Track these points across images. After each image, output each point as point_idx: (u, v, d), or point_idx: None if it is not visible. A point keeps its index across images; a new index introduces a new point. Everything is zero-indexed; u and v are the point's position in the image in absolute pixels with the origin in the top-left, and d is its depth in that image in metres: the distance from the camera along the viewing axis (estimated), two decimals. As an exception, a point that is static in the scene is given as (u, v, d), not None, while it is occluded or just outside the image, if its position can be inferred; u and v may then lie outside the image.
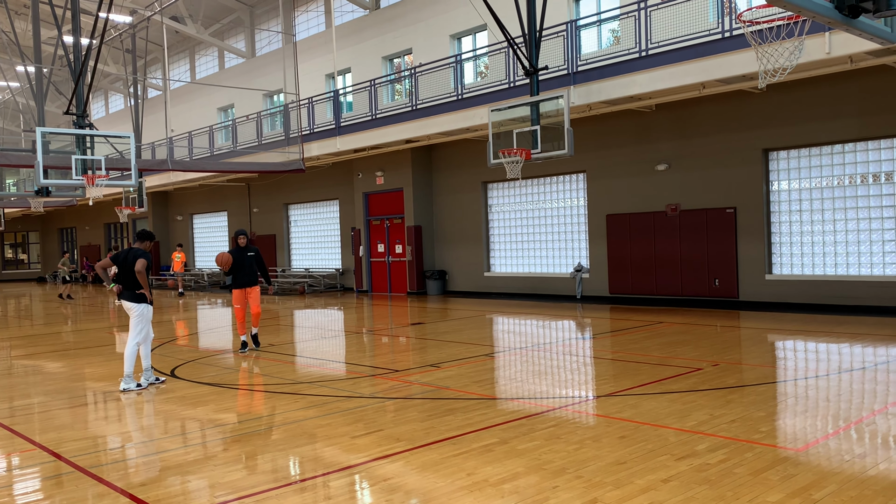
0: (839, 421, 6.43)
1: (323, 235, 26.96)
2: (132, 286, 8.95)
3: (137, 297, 8.94)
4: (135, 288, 8.94)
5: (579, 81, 15.20)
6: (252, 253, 11.54)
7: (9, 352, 13.11)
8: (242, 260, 11.45)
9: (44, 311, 22.34)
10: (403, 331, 14.21)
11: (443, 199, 22.21)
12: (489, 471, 5.33)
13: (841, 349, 10.22)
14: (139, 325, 8.97)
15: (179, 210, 34.67)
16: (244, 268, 11.45)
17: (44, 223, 46.85)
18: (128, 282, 8.97)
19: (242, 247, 11.52)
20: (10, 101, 40.19)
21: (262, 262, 11.71)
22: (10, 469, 5.96)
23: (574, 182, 18.99)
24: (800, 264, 15.06)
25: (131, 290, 8.96)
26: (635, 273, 17.38)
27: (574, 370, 9.64)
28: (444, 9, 22.44)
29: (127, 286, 8.99)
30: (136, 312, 8.94)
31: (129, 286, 8.98)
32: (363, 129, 20.77)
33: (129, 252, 9.03)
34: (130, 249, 9.07)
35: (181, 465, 5.80)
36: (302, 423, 6.94)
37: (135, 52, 29.31)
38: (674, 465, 5.32)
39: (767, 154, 15.36)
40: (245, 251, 11.49)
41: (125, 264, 8.97)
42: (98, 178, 15.45)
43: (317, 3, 28.23)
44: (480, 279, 21.16)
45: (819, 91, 14.26)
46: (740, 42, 12.62)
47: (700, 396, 7.45)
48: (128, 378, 8.89)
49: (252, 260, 11.52)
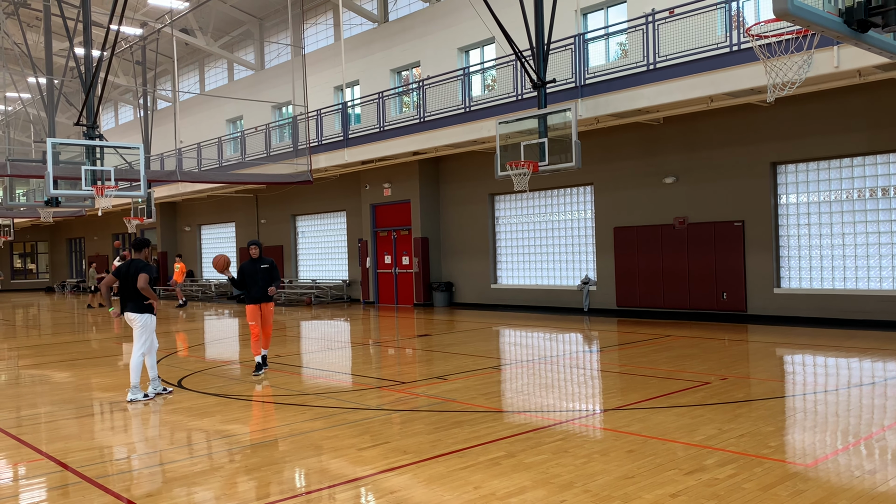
0: (849, 436, 6.38)
1: (330, 247, 27.00)
2: (135, 297, 8.92)
3: (140, 307, 8.92)
4: (138, 299, 8.92)
5: (587, 94, 15.22)
6: (266, 265, 10.65)
7: (17, 361, 13.15)
8: (255, 272, 10.62)
9: (52, 321, 22.41)
10: (410, 342, 14.20)
11: (450, 211, 22.23)
12: (496, 484, 5.30)
13: (850, 364, 10.16)
14: (143, 335, 8.96)
15: (187, 221, 34.79)
16: (257, 281, 10.58)
17: (52, 233, 47.08)
18: (130, 293, 8.94)
19: (255, 258, 10.70)
20: (20, 112, 40.51)
21: (276, 275, 10.76)
22: (17, 479, 5.96)
23: (581, 194, 18.99)
24: (808, 278, 15.00)
25: (134, 301, 8.93)
26: (643, 286, 17.34)
27: (581, 383, 9.60)
28: (452, 22, 22.55)
29: (129, 297, 8.96)
30: (139, 323, 8.92)
31: (131, 297, 8.94)
32: (371, 140, 20.83)
33: (131, 264, 9.00)
34: (132, 262, 9.03)
35: (187, 476, 5.79)
36: (309, 435, 6.92)
37: (145, 63, 29.54)
38: (682, 479, 5.28)
39: (776, 167, 15.33)
40: (258, 263, 10.65)
41: (127, 276, 8.96)
42: (107, 189, 15.53)
43: (326, 17, 28.41)
44: (487, 291, 21.13)
45: (827, 105, 14.25)
46: (748, 56, 12.63)
47: (708, 410, 7.41)
48: (134, 389, 8.89)
49: (266, 273, 10.63)
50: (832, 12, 5.06)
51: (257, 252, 10.69)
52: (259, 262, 10.64)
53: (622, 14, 18.42)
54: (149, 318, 8.99)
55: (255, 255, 10.69)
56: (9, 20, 28.81)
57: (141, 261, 9.04)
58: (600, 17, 19.06)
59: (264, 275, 10.60)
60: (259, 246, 10.77)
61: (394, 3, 25.23)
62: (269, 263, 10.70)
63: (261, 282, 10.56)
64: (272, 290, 10.62)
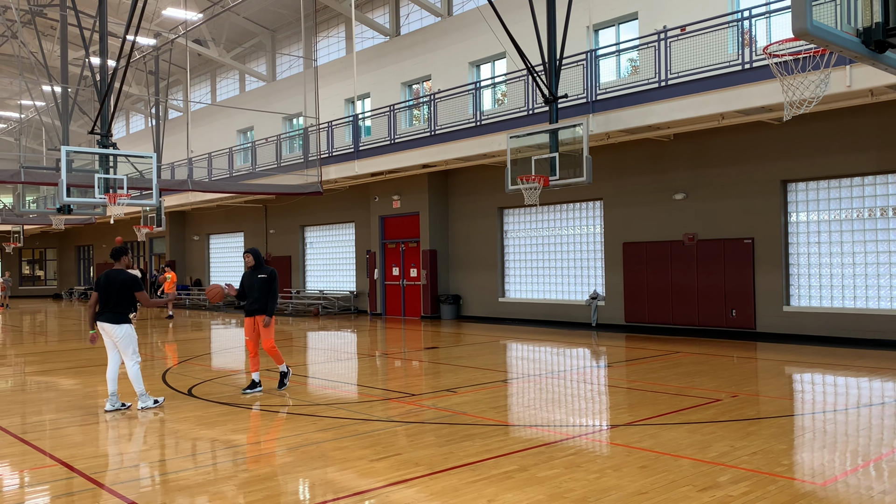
0: (859, 457, 6.35)
1: (338, 258, 27.05)
2: (113, 308, 8.58)
3: (119, 319, 8.61)
4: (117, 310, 8.59)
5: (598, 110, 15.27)
6: (264, 275, 9.82)
7: (23, 367, 13.19)
8: (252, 283, 9.83)
9: (59, 328, 22.47)
10: (417, 355, 14.19)
11: (458, 224, 22.27)
12: (509, 498, 5.29)
13: (860, 383, 10.11)
14: (130, 345, 8.67)
15: (196, 230, 34.93)
16: (253, 292, 9.83)
17: (61, 240, 47.28)
18: (109, 304, 8.60)
19: (253, 267, 9.91)
20: (33, 120, 40.84)
21: (273, 287, 9.82)
22: (23, 485, 5.98)
23: (591, 209, 19.00)
24: (818, 296, 14.95)
25: (112, 311, 8.57)
26: (651, 302, 17.31)
27: (591, 398, 9.59)
28: (464, 36, 22.68)
29: (107, 308, 8.59)
30: (120, 334, 8.60)
31: (109, 308, 8.59)
32: (381, 153, 20.92)
33: (112, 275, 8.67)
34: (113, 272, 8.70)
35: (194, 485, 5.79)
36: (319, 446, 6.93)
37: (157, 73, 29.78)
38: (696, 496, 5.26)
39: (786, 185, 15.33)
40: (255, 273, 9.86)
41: (108, 287, 8.61)
42: (120, 198, 15.63)
43: (338, 30, 28.62)
44: (495, 305, 21.12)
45: (838, 123, 14.26)
46: (760, 73, 12.67)
47: (720, 428, 7.39)
48: (143, 397, 8.87)
49: (262, 283, 9.79)
50: (850, 32, 5.09)
51: (251, 260, 9.91)
52: (257, 272, 9.88)
53: (633, 31, 18.51)
54: (129, 328, 8.68)
55: (250, 263, 9.92)
56: (25, 29, 29.11)
57: (123, 270, 8.72)
58: (612, 34, 19.15)
59: (261, 285, 9.79)
60: (255, 255, 9.96)
61: (406, 17, 25.41)
62: (267, 274, 9.86)
63: (257, 293, 9.79)
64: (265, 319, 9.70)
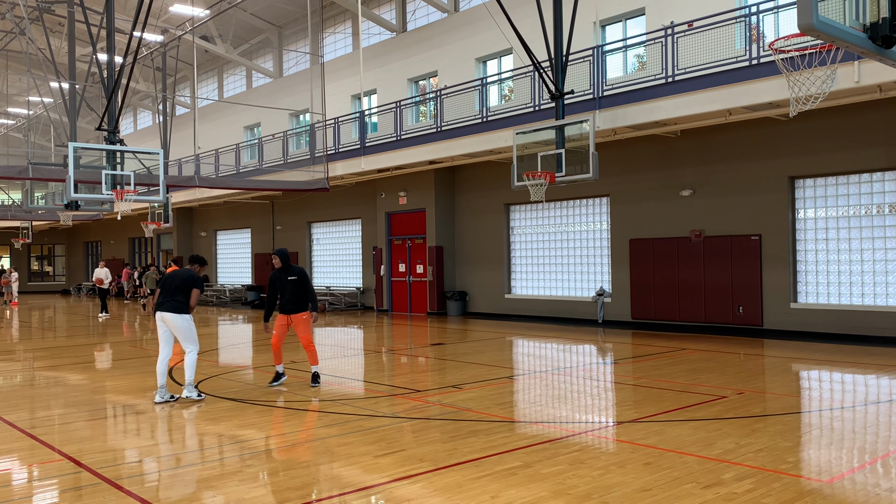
0: (866, 454, 6.33)
1: (345, 254, 27.09)
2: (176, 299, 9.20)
3: (180, 308, 9.14)
4: (179, 300, 9.18)
5: (605, 106, 15.23)
6: (293, 277, 10.02)
7: (32, 363, 13.27)
8: (284, 284, 10.03)
9: (68, 324, 22.59)
10: (423, 351, 14.21)
11: (465, 221, 22.26)
12: (513, 494, 5.30)
13: (867, 380, 10.07)
14: (192, 334, 9.25)
15: (203, 226, 35.03)
16: (285, 293, 10.03)
17: (69, 236, 47.50)
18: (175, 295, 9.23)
19: (280, 269, 10.12)
20: (41, 116, 40.99)
21: (308, 286, 10.09)
22: (31, 479, 6.02)
23: (597, 206, 18.97)
24: (825, 293, 14.89)
25: (175, 301, 9.18)
26: (658, 298, 17.27)
27: (597, 395, 9.58)
28: (470, 32, 22.65)
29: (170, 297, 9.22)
30: (185, 324, 9.16)
31: (174, 298, 9.21)
32: (388, 149, 20.93)
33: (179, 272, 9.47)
34: (179, 270, 9.54)
35: (201, 480, 5.82)
36: (324, 441, 6.95)
37: (165, 70, 29.85)
38: (700, 493, 5.26)
39: (794, 182, 15.26)
40: (284, 274, 10.06)
41: (171, 279, 9.33)
42: (127, 194, 15.68)
43: (344, 26, 28.61)
44: (501, 301, 21.12)
45: (846, 119, 14.18)
46: (767, 69, 12.61)
47: (725, 425, 7.37)
48: (190, 387, 9.17)
49: (294, 285, 9.99)
50: (856, 28, 5.06)
51: (278, 262, 10.12)
52: (286, 273, 10.06)
53: (640, 26, 18.45)
54: (189, 318, 9.26)
55: (277, 264, 10.12)
56: (33, 25, 29.20)
57: (187, 269, 9.52)
58: (618, 30, 19.09)
59: (293, 287, 9.99)
60: (282, 256, 10.15)
61: (412, 13, 25.38)
62: (297, 275, 10.06)
63: (289, 294, 9.99)
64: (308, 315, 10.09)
